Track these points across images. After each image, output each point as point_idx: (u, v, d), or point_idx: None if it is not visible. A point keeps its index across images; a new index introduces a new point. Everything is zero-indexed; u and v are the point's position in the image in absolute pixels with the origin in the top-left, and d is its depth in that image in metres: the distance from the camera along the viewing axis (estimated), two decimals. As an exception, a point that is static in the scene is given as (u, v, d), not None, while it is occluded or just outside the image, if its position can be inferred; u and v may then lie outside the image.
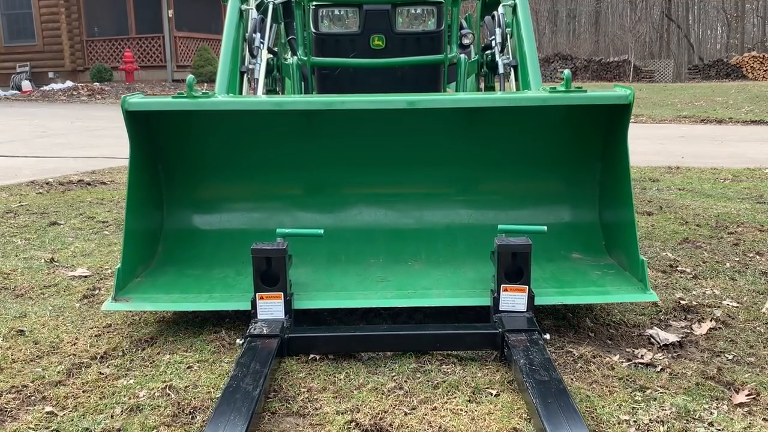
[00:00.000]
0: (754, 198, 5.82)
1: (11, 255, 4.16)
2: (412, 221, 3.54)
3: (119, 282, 2.91)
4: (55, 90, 20.99)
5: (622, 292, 2.93)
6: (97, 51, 22.77)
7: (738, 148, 9.52)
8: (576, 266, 3.24)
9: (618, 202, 3.16)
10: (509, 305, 2.77)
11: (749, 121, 13.22)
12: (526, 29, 4.33)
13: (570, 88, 2.92)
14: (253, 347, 2.55)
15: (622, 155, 3.00)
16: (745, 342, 2.84)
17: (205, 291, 3.00)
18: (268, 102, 3.36)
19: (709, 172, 7.23)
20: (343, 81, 4.53)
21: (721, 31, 46.99)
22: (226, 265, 3.23)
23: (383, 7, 4.34)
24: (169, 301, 2.95)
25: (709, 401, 2.36)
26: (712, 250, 4.18)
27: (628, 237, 3.03)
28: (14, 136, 10.90)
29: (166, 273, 3.20)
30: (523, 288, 2.76)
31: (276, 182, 3.55)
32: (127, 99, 2.91)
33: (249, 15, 4.39)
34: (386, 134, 3.41)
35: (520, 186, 3.55)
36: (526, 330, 2.63)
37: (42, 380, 2.52)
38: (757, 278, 3.65)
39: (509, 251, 2.76)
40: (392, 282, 3.10)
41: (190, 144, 3.43)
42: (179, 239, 3.42)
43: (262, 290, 2.76)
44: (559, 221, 3.46)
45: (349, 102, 2.97)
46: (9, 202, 5.77)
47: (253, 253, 2.74)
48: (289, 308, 2.78)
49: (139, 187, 3.10)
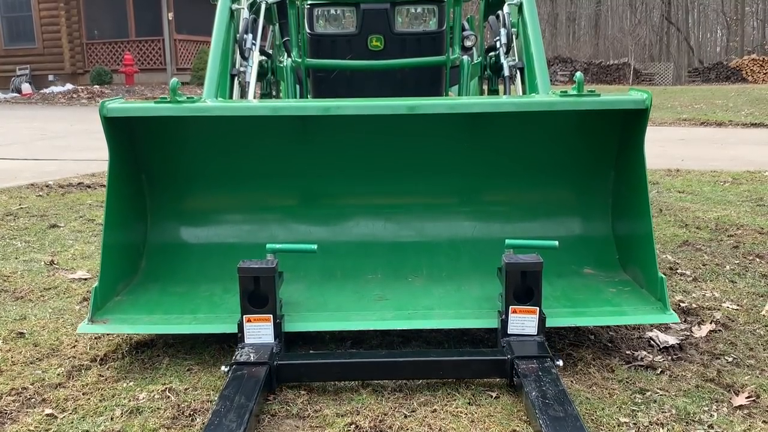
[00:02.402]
0: (754, 201, 5.81)
1: (11, 257, 4.16)
2: (412, 233, 3.35)
3: (96, 302, 2.70)
4: (55, 93, 21.00)
5: (639, 312, 2.73)
6: (97, 54, 22.79)
7: (738, 151, 9.52)
8: (589, 283, 3.05)
9: (633, 214, 2.99)
10: (518, 328, 2.56)
11: (749, 124, 13.22)
12: (533, 29, 4.11)
13: (582, 92, 2.75)
14: (239, 376, 2.35)
15: (638, 163, 2.83)
16: (744, 344, 2.84)
17: (188, 311, 2.79)
18: (258, 107, 3.11)
19: (709, 175, 7.23)
20: (339, 84, 4.34)
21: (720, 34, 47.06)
22: (213, 282, 3.03)
23: (381, 6, 4.16)
24: (149, 323, 2.74)
25: (709, 403, 2.36)
26: (712, 252, 4.18)
27: (645, 251, 2.84)
28: (14, 139, 10.90)
29: (149, 291, 3.00)
30: (534, 309, 2.55)
31: (268, 192, 3.37)
32: (105, 104, 2.73)
33: (240, 15, 4.20)
34: (385, 141, 3.25)
35: (528, 196, 3.36)
36: (537, 357, 2.43)
37: (42, 382, 2.52)
38: (757, 281, 3.65)
39: (518, 270, 2.55)
40: (391, 301, 2.91)
41: (175, 152, 3.25)
42: (164, 253, 3.22)
43: (249, 312, 2.55)
44: (569, 233, 3.27)
45: (346, 107, 2.82)
46: (9, 204, 5.77)
47: (240, 272, 2.54)
48: (279, 331, 2.57)
49: (120, 199, 2.94)
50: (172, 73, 22.56)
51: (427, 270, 3.18)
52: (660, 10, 43.55)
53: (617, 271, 3.13)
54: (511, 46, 4.36)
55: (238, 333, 2.56)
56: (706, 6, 45.78)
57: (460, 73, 4.48)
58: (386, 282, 3.08)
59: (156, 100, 2.77)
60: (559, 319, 2.67)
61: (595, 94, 2.76)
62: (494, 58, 4.66)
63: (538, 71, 3.89)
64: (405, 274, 3.15)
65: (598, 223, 3.27)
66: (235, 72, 4.07)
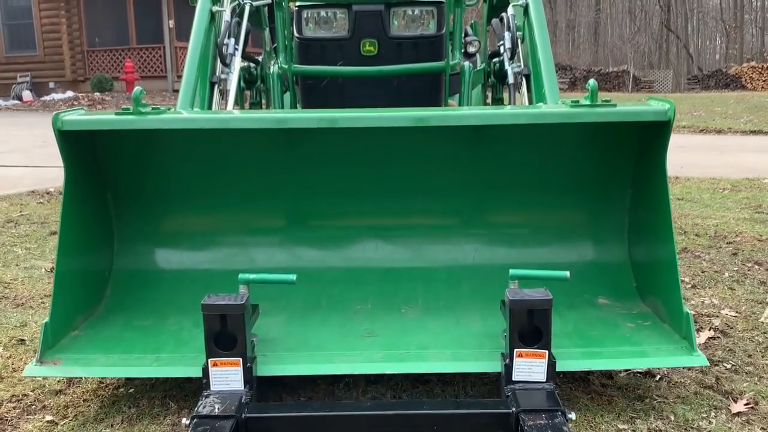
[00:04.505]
0: (753, 208, 5.82)
1: (12, 264, 4.17)
2: (407, 257, 3.05)
3: (47, 339, 2.39)
4: (55, 100, 21.01)
5: (662, 353, 2.41)
6: (98, 61, 22.82)
7: (737, 158, 9.53)
8: (604, 316, 2.72)
9: (654, 237, 2.72)
10: (525, 374, 2.25)
11: (748, 131, 13.23)
12: (540, 33, 3.75)
13: (596, 102, 2.48)
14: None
15: (659, 181, 2.55)
16: (743, 351, 2.85)
17: (151, 350, 2.47)
18: (232, 119, 2.72)
19: (708, 182, 7.24)
20: (330, 92, 4.05)
21: (720, 42, 47.16)
22: (183, 314, 2.66)
23: (375, 8, 3.86)
24: (106, 364, 2.41)
25: (708, 410, 2.36)
26: (711, 259, 4.19)
27: (668, 280, 2.52)
28: (15, 146, 10.92)
29: (111, 324, 2.68)
30: (542, 353, 2.24)
31: (247, 212, 3.06)
32: (60, 117, 2.41)
33: (221, 18, 3.85)
34: (377, 155, 2.94)
35: (535, 216, 3.08)
36: (546, 410, 2.13)
37: (42, 389, 2.53)
38: (756, 288, 3.66)
39: (524, 308, 2.23)
40: (381, 337, 2.58)
41: (145, 168, 2.94)
42: (132, 280, 2.92)
43: (215, 355, 2.21)
44: (581, 258, 2.98)
45: (342, 119, 2.50)
46: (10, 211, 5.78)
47: (204, 309, 2.21)
48: (250, 376, 2.24)
49: (79, 221, 2.65)
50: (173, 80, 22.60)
51: (423, 299, 2.88)
52: (659, 17, 43.66)
53: (635, 302, 2.82)
54: (516, 51, 4.01)
55: (203, 378, 2.24)
56: (706, 14, 45.89)
57: (460, 80, 4.24)
58: (376, 314, 2.76)
59: (117, 111, 2.50)
60: (571, 361, 2.36)
61: (611, 104, 2.50)
62: (498, 65, 4.39)
63: (545, 78, 3.57)
64: (398, 304, 2.84)
65: (612, 248, 2.99)
66: (215, 79, 3.73)
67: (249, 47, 4.16)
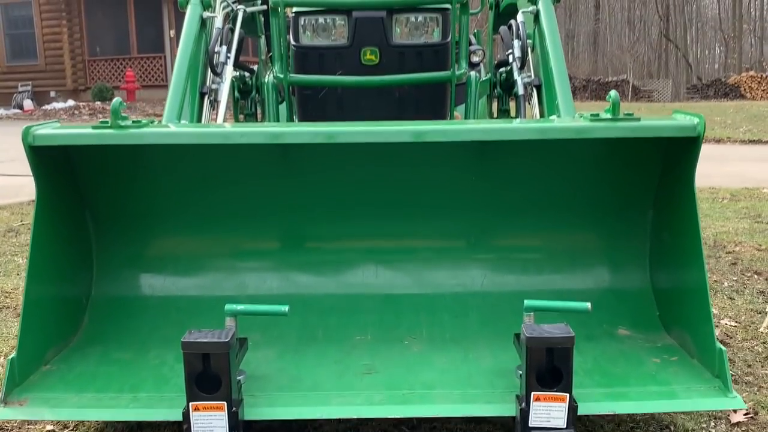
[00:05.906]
0: (753, 217, 5.84)
1: (12, 274, 4.18)
2: (410, 284, 2.85)
3: (12, 377, 2.17)
4: (56, 109, 21.06)
5: (693, 394, 2.19)
6: (99, 70, 22.89)
7: (736, 168, 9.56)
8: (626, 349, 2.52)
9: (680, 262, 2.51)
10: (543, 420, 2.04)
11: (747, 141, 13.28)
12: (552, 41, 3.56)
13: (617, 116, 2.29)
14: None
15: (686, 202, 2.38)
16: (743, 361, 2.86)
17: (129, 388, 2.25)
18: (224, 133, 2.55)
19: (707, 191, 7.26)
20: (328, 104, 3.86)
21: (719, 51, 47.27)
22: (166, 346, 2.43)
23: (377, 15, 3.65)
24: (78, 405, 2.17)
25: (708, 420, 2.37)
26: (711, 269, 4.20)
27: (698, 311, 2.31)
28: (16, 155, 10.92)
29: (87, 358, 2.46)
30: (563, 397, 2.02)
31: (238, 233, 2.87)
32: (31, 131, 2.23)
33: (212, 24, 3.66)
34: (378, 172, 2.77)
35: (549, 239, 2.89)
36: None
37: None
38: (755, 298, 3.67)
39: (543, 346, 2.02)
40: (382, 374, 2.37)
41: (127, 186, 2.75)
42: (112, 308, 2.72)
43: (197, 399, 2.01)
44: (599, 285, 2.80)
45: (339, 134, 2.33)
46: (10, 220, 5.80)
47: (184, 347, 2.00)
48: (236, 421, 2.02)
49: (53, 243, 2.42)
50: (174, 89, 22.64)
51: (428, 330, 2.67)
52: (658, 27, 43.77)
53: (659, 333, 2.63)
54: (526, 61, 3.82)
55: (183, 423, 2.03)
56: (704, 23, 46.05)
57: (467, 91, 4.08)
58: (377, 347, 2.56)
59: (94, 124, 2.31)
60: (593, 404, 2.14)
61: (635, 117, 2.31)
62: (505, 75, 4.22)
63: (558, 89, 3.36)
64: (400, 335, 2.64)
65: (632, 274, 2.80)
66: (205, 90, 3.56)
67: (247, 56, 4.02)
